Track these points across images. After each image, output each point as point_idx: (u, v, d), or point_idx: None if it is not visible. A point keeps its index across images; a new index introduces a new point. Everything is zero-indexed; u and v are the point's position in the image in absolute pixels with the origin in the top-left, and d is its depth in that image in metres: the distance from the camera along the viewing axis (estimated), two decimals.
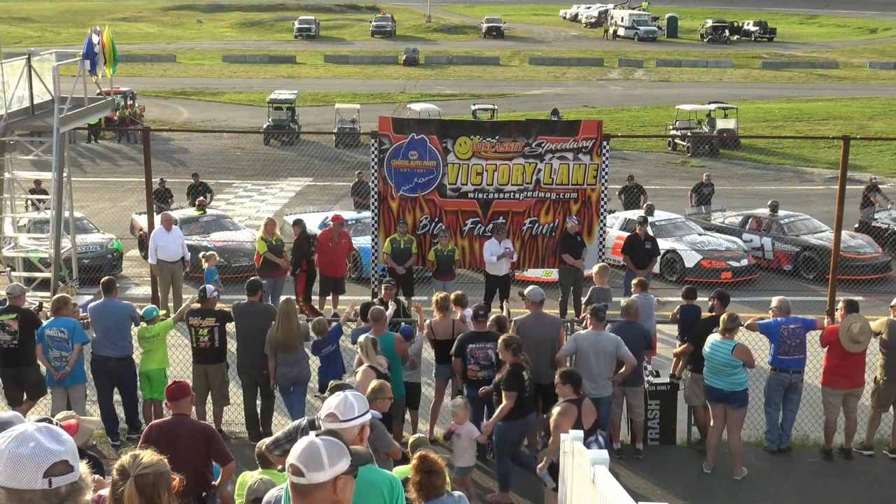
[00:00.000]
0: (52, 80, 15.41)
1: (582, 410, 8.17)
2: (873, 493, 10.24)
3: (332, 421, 4.70)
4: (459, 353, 10.16)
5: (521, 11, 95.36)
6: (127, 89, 37.69)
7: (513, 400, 8.83)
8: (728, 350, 9.93)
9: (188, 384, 7.60)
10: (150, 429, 7.31)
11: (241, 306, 11.15)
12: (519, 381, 9.10)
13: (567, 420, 7.97)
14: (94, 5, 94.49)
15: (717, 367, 10.04)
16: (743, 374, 10.05)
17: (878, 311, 13.38)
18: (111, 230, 20.05)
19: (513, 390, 8.93)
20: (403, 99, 44.17)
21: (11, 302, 10.86)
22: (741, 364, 9.98)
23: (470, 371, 10.18)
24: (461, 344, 10.21)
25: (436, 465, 5.75)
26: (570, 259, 14.70)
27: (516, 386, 9.04)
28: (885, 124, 40.30)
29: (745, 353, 10.02)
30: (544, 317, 10.40)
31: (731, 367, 9.97)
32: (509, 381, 9.05)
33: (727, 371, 9.99)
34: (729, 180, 28.90)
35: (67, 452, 2.81)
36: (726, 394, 10.07)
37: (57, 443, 2.80)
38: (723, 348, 9.98)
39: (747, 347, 10.19)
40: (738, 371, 10.00)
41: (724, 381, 10.03)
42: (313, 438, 3.42)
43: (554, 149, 14.54)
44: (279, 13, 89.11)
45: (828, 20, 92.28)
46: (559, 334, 10.37)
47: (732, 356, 9.91)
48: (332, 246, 15.38)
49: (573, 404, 8.16)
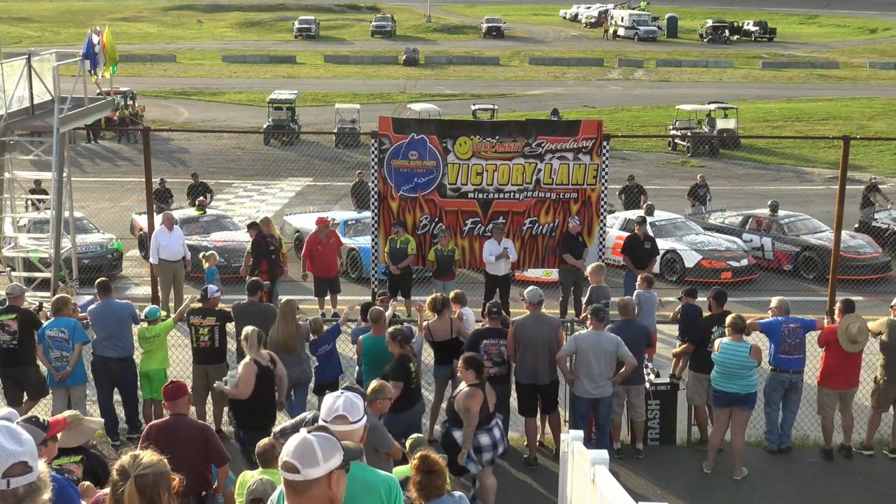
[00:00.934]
0: (52, 80, 15.42)
1: (487, 393, 8.49)
2: (873, 493, 10.23)
3: (341, 423, 4.69)
4: (473, 348, 10.17)
5: (521, 11, 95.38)
6: (127, 89, 37.68)
7: (399, 390, 8.99)
8: (745, 352, 9.87)
9: (185, 384, 7.58)
10: (149, 429, 7.32)
11: (242, 306, 11.16)
12: (406, 372, 9.23)
13: (475, 401, 8.30)
14: (94, 5, 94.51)
15: (733, 370, 9.93)
16: (755, 376, 10.04)
17: (878, 311, 13.37)
18: (111, 230, 20.05)
19: (400, 380, 9.07)
20: (403, 99, 44.18)
21: (11, 302, 10.86)
22: (755, 365, 9.96)
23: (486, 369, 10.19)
24: (475, 339, 10.25)
25: (437, 466, 5.76)
26: (571, 259, 14.70)
27: (403, 376, 9.16)
28: (885, 124, 40.30)
29: (758, 352, 10.02)
30: (543, 317, 10.40)
31: (748, 370, 9.93)
32: (396, 372, 9.14)
33: (743, 374, 9.92)
34: (729, 180, 28.92)
35: (26, 453, 2.80)
36: (741, 396, 9.99)
37: (16, 443, 2.79)
38: (739, 351, 9.89)
39: (759, 347, 10.18)
40: (752, 373, 9.98)
41: (739, 384, 9.94)
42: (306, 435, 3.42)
43: (554, 149, 14.54)
44: (279, 13, 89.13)
45: (828, 20, 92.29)
46: (558, 335, 10.35)
47: (750, 357, 9.88)
48: (321, 249, 15.38)
49: (478, 388, 8.42)
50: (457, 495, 5.83)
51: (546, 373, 10.25)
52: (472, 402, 8.32)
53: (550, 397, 10.50)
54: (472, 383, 8.47)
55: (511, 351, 10.25)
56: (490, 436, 8.54)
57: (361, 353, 10.23)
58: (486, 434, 8.52)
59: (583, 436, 7.91)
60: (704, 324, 10.88)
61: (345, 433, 4.59)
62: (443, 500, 5.71)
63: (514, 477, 10.26)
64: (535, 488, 10.03)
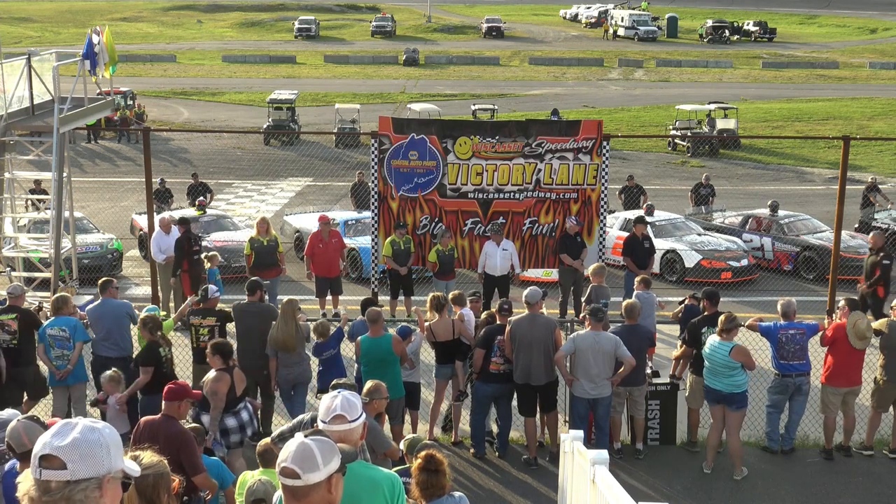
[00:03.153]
0: (52, 80, 15.41)
1: (234, 378, 8.90)
2: (873, 493, 10.23)
3: (340, 423, 4.68)
4: (486, 344, 10.24)
5: (521, 11, 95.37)
6: (127, 89, 37.71)
7: (149, 375, 9.71)
8: (726, 351, 9.88)
9: (187, 390, 7.50)
10: (140, 423, 7.35)
11: (242, 306, 11.15)
12: (156, 356, 9.88)
13: (222, 385, 8.76)
14: (94, 5, 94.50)
15: (716, 368, 10.00)
16: (742, 376, 10.00)
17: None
18: (111, 230, 20.06)
19: (149, 365, 9.79)
20: (403, 99, 44.19)
21: (11, 302, 10.86)
22: (740, 366, 9.92)
23: (493, 364, 10.24)
24: (489, 335, 10.32)
25: (442, 466, 5.75)
26: (568, 259, 14.70)
27: (153, 361, 9.84)
28: (885, 124, 40.31)
29: (743, 354, 9.95)
30: (539, 317, 10.36)
31: (730, 369, 9.92)
32: (146, 358, 9.87)
33: (726, 372, 9.95)
34: (729, 180, 28.92)
35: (64, 450, 2.79)
36: (725, 395, 10.03)
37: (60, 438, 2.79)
38: (721, 350, 9.93)
39: (746, 349, 10.14)
40: (736, 373, 9.95)
41: (723, 382, 9.99)
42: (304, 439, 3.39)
43: (554, 149, 14.54)
44: (279, 13, 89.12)
45: (828, 20, 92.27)
46: (554, 335, 10.30)
47: (730, 357, 9.88)
48: (322, 247, 15.39)
49: (225, 372, 8.87)
50: (457, 496, 5.83)
51: (541, 373, 10.21)
52: (220, 385, 8.74)
53: (548, 398, 10.49)
54: (220, 368, 8.89)
55: (508, 350, 10.25)
56: (237, 419, 8.89)
57: (360, 354, 10.23)
58: (233, 417, 8.87)
59: (583, 436, 7.91)
60: (697, 324, 10.84)
61: (344, 432, 4.58)
62: (443, 501, 5.71)
63: (514, 477, 10.27)
64: (536, 488, 10.03)
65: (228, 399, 8.81)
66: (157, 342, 10.00)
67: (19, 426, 5.04)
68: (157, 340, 10.01)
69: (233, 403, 8.87)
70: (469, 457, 10.61)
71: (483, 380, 10.41)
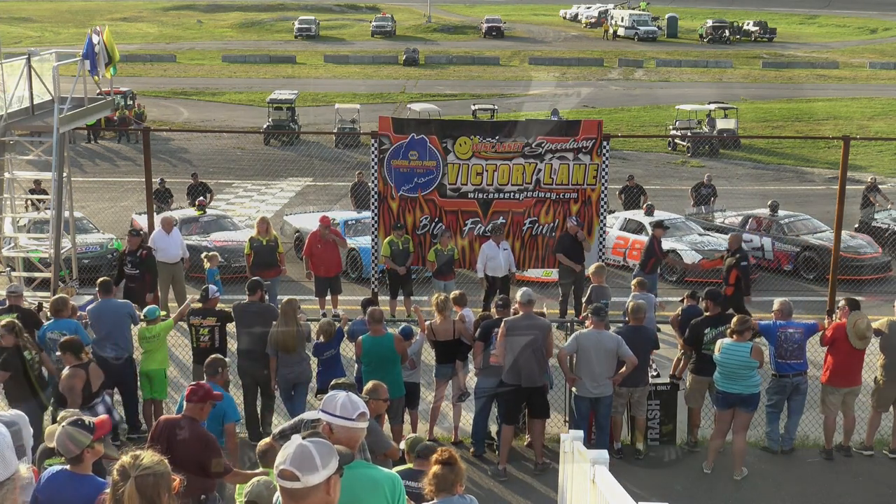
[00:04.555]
0: (52, 80, 15.39)
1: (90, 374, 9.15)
2: (873, 493, 10.23)
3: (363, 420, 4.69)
4: (484, 337, 10.29)
5: (521, 11, 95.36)
6: (127, 89, 37.68)
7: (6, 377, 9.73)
8: (746, 352, 9.82)
9: (210, 391, 7.27)
10: (160, 421, 7.32)
11: (242, 306, 11.15)
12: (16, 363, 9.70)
13: (78, 380, 9.03)
14: (94, 5, 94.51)
15: (734, 371, 9.89)
16: (758, 377, 10.00)
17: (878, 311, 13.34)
18: (111, 230, 20.05)
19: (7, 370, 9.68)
20: (403, 99, 44.17)
21: (11, 302, 10.86)
22: (757, 365, 9.93)
23: (493, 357, 10.21)
24: (487, 329, 10.35)
25: (457, 463, 5.71)
26: (564, 259, 14.69)
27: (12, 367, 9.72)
28: (885, 124, 40.30)
29: (760, 353, 9.97)
30: (533, 318, 10.29)
31: (749, 370, 9.88)
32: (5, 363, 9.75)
33: (745, 374, 9.88)
34: (729, 180, 28.90)
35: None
36: (744, 397, 9.94)
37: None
38: (740, 351, 9.85)
39: (760, 347, 10.15)
40: (754, 373, 9.93)
41: (741, 384, 9.90)
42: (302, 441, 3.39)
43: (554, 149, 14.54)
44: (279, 13, 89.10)
45: (828, 20, 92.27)
46: (547, 336, 10.24)
47: (751, 357, 9.84)
48: (321, 247, 15.39)
49: (80, 368, 9.11)
50: (468, 498, 5.78)
51: (533, 375, 10.04)
52: (75, 381, 9.05)
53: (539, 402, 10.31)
54: (74, 364, 9.15)
55: (500, 351, 10.19)
56: (92, 413, 8.81)
57: (361, 353, 10.23)
58: (88, 412, 8.80)
59: (583, 436, 7.91)
60: (699, 325, 10.81)
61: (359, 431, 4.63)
62: (453, 501, 5.67)
63: (514, 476, 10.27)
64: (535, 488, 10.03)
65: (85, 395, 9.00)
66: (19, 346, 9.67)
67: (63, 434, 5.20)
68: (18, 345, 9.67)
69: (89, 398, 9.06)
70: (469, 457, 10.60)
71: (484, 374, 10.40)
